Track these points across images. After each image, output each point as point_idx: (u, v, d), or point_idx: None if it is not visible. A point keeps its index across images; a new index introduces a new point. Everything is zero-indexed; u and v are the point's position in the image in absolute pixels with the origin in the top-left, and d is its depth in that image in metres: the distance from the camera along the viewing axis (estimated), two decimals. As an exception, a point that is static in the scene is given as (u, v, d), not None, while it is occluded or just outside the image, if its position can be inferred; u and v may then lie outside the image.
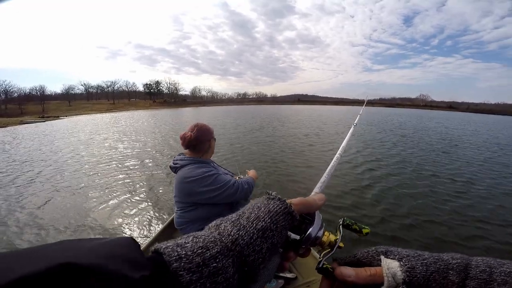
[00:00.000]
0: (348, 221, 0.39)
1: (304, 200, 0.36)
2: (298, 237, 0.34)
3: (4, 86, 75.46)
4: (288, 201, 0.34)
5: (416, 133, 15.67)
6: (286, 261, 0.35)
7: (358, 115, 2.07)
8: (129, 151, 9.42)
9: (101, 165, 7.26)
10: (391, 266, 0.33)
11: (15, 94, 77.72)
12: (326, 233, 0.37)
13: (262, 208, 0.32)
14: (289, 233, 0.34)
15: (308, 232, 0.34)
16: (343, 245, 0.37)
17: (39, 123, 30.69)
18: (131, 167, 6.94)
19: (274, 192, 0.35)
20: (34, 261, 0.19)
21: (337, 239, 0.37)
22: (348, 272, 0.35)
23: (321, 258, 0.37)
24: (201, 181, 1.44)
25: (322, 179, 0.69)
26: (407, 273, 0.31)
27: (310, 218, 0.36)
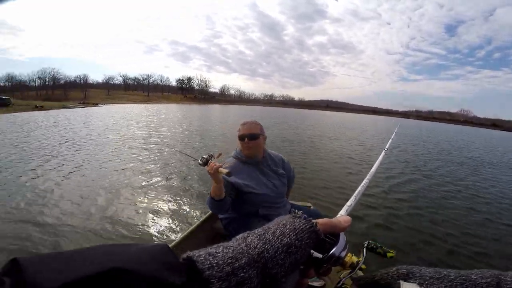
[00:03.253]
0: (373, 244, 0.40)
1: (329, 221, 0.37)
2: (320, 255, 0.35)
3: (52, 73, 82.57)
4: (314, 221, 0.35)
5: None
6: (305, 278, 0.36)
7: (390, 139, 1.88)
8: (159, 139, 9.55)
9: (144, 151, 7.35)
10: None
11: (62, 81, 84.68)
12: (349, 254, 0.37)
13: (288, 225, 0.34)
14: (312, 251, 0.35)
15: (332, 251, 0.35)
16: (365, 267, 0.39)
17: (78, 108, 32.82)
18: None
19: (300, 212, 0.37)
20: (84, 265, 0.20)
21: (359, 260, 0.38)
22: None
23: (341, 279, 0.38)
24: None
25: (349, 202, 0.67)
26: None
27: (334, 238, 0.37)
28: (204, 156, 1.51)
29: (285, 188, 1.76)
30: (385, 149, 1.57)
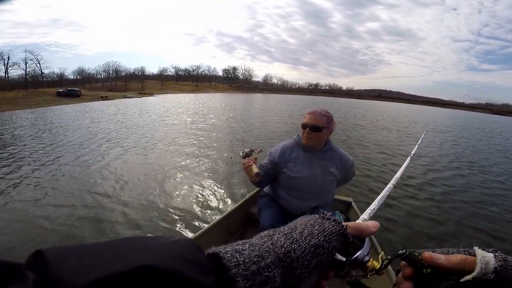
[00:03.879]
0: (413, 255, 0.36)
1: (358, 225, 0.37)
2: (344, 259, 0.35)
3: (115, 66, 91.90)
4: (344, 223, 0.35)
5: None
6: (325, 280, 0.36)
7: (416, 145, 1.76)
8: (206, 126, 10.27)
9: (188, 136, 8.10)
10: (485, 255, 0.33)
11: (123, 73, 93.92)
12: (371, 259, 0.37)
13: (316, 226, 0.33)
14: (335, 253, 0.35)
15: (356, 255, 0.35)
16: (383, 273, 0.38)
17: (137, 98, 36.93)
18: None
19: (329, 213, 0.36)
20: (113, 260, 0.19)
21: (381, 266, 0.37)
22: (438, 255, 0.35)
23: (354, 275, 0.38)
24: None
25: (372, 206, 0.66)
26: (501, 262, 0.32)
27: (359, 242, 0.36)
28: (246, 150, 1.61)
29: (329, 188, 1.70)
30: (411, 155, 1.49)
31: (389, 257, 0.38)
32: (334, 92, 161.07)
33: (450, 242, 3.14)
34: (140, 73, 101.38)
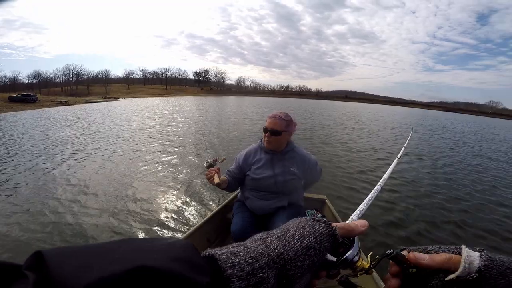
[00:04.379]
0: (399, 255, 0.37)
1: (347, 225, 0.38)
2: (335, 259, 0.36)
3: (76, 69, 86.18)
4: (333, 224, 0.36)
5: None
6: (316, 280, 0.37)
7: (403, 147, 1.74)
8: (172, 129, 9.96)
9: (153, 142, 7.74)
10: (471, 255, 0.33)
11: (85, 77, 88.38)
12: (360, 259, 0.38)
13: (307, 228, 0.34)
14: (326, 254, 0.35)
15: (346, 255, 0.36)
16: (372, 273, 0.39)
17: (100, 103, 34.43)
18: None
19: (319, 215, 0.37)
20: (112, 261, 0.20)
21: (370, 265, 0.38)
22: (422, 255, 0.36)
23: (344, 275, 0.39)
24: None
25: (361, 207, 0.68)
26: (485, 262, 0.32)
27: (348, 242, 0.37)
28: (209, 160, 1.65)
29: (291, 187, 1.74)
30: (398, 157, 1.50)
31: (377, 257, 0.39)
32: (304, 94, 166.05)
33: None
34: (104, 76, 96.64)
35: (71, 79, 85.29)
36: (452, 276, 0.33)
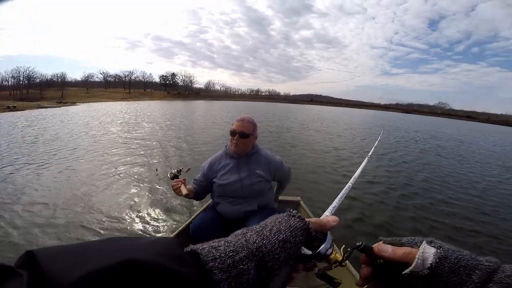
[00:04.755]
0: (367, 247, 0.40)
1: (319, 220, 0.41)
2: (309, 252, 0.38)
3: (27, 72, 78.08)
4: (307, 219, 0.38)
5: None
6: (295, 272, 0.39)
7: (373, 147, 1.81)
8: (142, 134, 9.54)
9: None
10: (426, 251, 0.34)
11: (38, 80, 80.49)
12: (333, 251, 0.40)
13: (284, 223, 0.36)
14: (301, 247, 0.38)
15: (320, 249, 0.39)
16: (345, 265, 0.41)
17: (54, 108, 31.54)
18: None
19: (294, 211, 0.39)
20: (100, 257, 0.21)
21: (343, 258, 0.41)
22: (385, 248, 0.38)
23: (321, 268, 0.42)
24: None
25: (334, 203, 0.72)
26: (437, 260, 0.33)
27: (322, 237, 0.40)
28: (173, 171, 1.64)
29: (258, 190, 1.75)
30: (369, 156, 1.52)
31: (348, 249, 0.43)
32: (273, 97, 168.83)
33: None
34: (60, 79, 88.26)
35: (21, 82, 77.20)
36: (406, 270, 0.34)
